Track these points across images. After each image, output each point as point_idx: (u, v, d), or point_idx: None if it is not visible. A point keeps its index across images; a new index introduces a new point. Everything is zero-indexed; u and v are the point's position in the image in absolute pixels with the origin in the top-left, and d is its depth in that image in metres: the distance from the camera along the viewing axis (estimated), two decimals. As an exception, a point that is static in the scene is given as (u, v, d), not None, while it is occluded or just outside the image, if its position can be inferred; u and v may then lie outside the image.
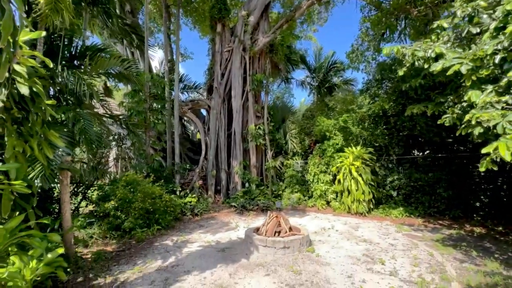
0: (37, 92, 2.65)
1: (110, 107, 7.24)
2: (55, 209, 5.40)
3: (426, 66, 4.30)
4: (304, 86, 18.90)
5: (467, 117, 3.50)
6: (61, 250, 3.40)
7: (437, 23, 4.57)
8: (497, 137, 3.17)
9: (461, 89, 4.58)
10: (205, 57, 36.52)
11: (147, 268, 4.59)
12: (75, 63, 6.03)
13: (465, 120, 3.59)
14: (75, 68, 5.66)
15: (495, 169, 3.19)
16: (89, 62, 5.67)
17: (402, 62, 4.88)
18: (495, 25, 3.50)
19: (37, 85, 2.66)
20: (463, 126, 3.81)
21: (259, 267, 4.58)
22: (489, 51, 3.36)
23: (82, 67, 5.84)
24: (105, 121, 6.99)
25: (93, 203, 7.07)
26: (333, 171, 9.84)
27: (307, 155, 12.15)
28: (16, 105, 2.65)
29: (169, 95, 12.07)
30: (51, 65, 2.98)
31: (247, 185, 11.71)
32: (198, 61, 50.30)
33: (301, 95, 64.96)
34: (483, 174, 7.81)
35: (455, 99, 4.94)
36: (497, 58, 3.34)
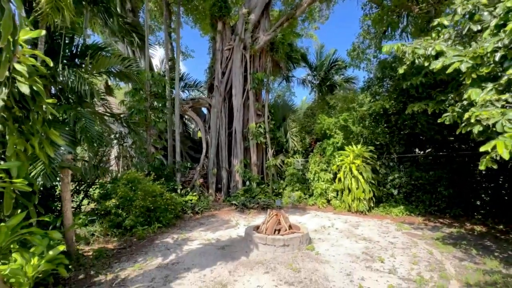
0: (37, 91, 2.67)
1: (111, 106, 7.27)
2: (57, 207, 5.45)
3: (426, 64, 4.27)
4: (305, 84, 18.88)
5: (467, 115, 3.49)
6: (62, 247, 3.44)
7: (438, 21, 4.54)
8: (498, 135, 3.16)
9: (462, 87, 4.55)
10: (206, 55, 36.54)
11: (147, 265, 4.63)
12: (76, 62, 6.05)
13: (465, 118, 3.58)
14: (76, 66, 5.68)
15: (495, 167, 3.18)
16: (90, 60, 5.69)
17: (402, 60, 4.86)
18: (495, 22, 3.47)
19: (37, 84, 2.68)
20: (463, 124, 3.79)
21: (259, 265, 4.61)
22: (489, 49, 3.34)
23: (83, 66, 5.86)
24: (106, 119, 7.03)
25: (95, 201, 7.13)
26: (334, 170, 9.84)
27: (308, 154, 12.15)
28: (17, 104, 2.68)
29: (170, 94, 12.08)
30: (51, 64, 3.00)
31: (247, 183, 11.73)
32: (199, 59, 50.32)
33: (302, 94, 64.80)
34: (484, 172, 7.78)
35: (456, 97, 4.91)
36: (497, 55, 3.32)
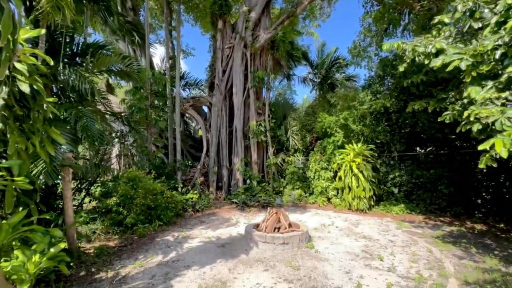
0: (38, 89, 2.69)
1: (111, 105, 7.29)
2: (59, 205, 5.49)
3: (426, 61, 4.26)
4: (306, 82, 18.80)
5: (466, 113, 3.48)
6: (63, 244, 3.48)
7: (438, 18, 4.51)
8: (497, 134, 3.14)
9: (462, 85, 4.53)
10: (206, 54, 36.46)
11: (148, 263, 4.67)
12: (77, 61, 6.07)
13: (464, 116, 3.57)
14: (76, 65, 5.70)
15: (495, 166, 3.18)
16: (90, 59, 5.71)
17: (403, 58, 4.84)
18: (496, 19, 3.45)
19: (37, 83, 2.70)
20: (463, 122, 3.78)
21: (258, 263, 4.63)
22: (490, 47, 3.32)
23: (84, 65, 5.88)
24: (107, 118, 7.06)
25: (96, 199, 7.18)
26: (334, 168, 9.84)
27: (309, 152, 12.15)
28: (17, 102, 2.70)
29: (171, 92, 12.08)
30: (52, 63, 3.02)
31: (248, 181, 11.75)
32: (199, 57, 50.32)
33: (303, 92, 64.82)
34: (485, 171, 7.75)
35: (457, 96, 4.89)
36: (498, 53, 3.31)
